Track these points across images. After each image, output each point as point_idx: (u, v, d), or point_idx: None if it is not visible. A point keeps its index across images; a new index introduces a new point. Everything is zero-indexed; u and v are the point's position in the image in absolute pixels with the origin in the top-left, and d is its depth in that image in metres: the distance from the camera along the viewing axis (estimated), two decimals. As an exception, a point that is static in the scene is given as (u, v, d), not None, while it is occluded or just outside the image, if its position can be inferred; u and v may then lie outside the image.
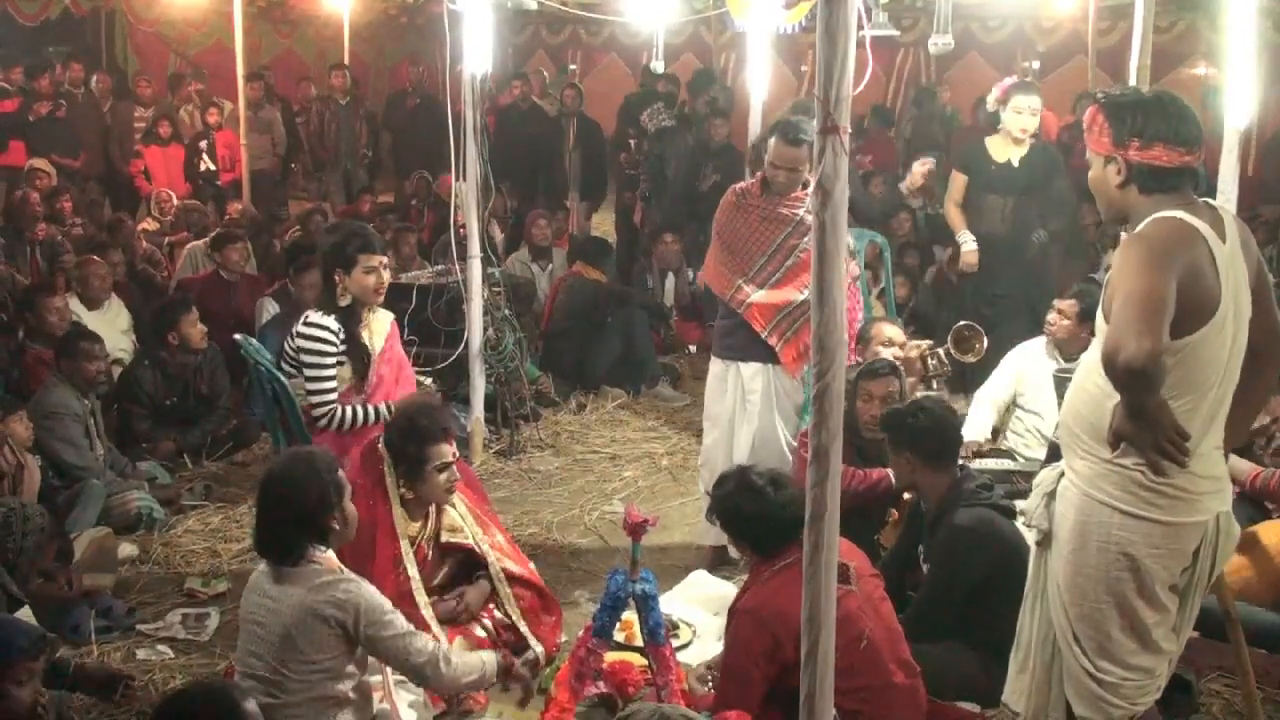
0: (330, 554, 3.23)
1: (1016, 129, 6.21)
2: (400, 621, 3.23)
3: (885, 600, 3.59)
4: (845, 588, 3.29)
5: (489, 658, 3.44)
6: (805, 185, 4.66)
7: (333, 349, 4.41)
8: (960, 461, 4.15)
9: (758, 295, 4.70)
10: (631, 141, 9.83)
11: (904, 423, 4.01)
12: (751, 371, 4.78)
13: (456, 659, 3.33)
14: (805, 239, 4.61)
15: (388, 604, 3.22)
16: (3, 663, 3.07)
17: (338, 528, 3.23)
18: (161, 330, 6.10)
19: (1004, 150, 6.34)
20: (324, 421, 4.43)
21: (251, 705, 2.60)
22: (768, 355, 4.74)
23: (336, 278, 4.44)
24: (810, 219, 4.56)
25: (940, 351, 5.33)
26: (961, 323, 5.51)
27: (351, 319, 4.47)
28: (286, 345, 4.53)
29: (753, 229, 4.71)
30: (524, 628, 4.10)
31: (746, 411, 4.80)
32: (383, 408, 4.47)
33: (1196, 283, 2.63)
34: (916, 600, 3.94)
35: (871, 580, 3.58)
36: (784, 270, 4.69)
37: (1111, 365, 2.52)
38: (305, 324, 4.45)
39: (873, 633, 3.38)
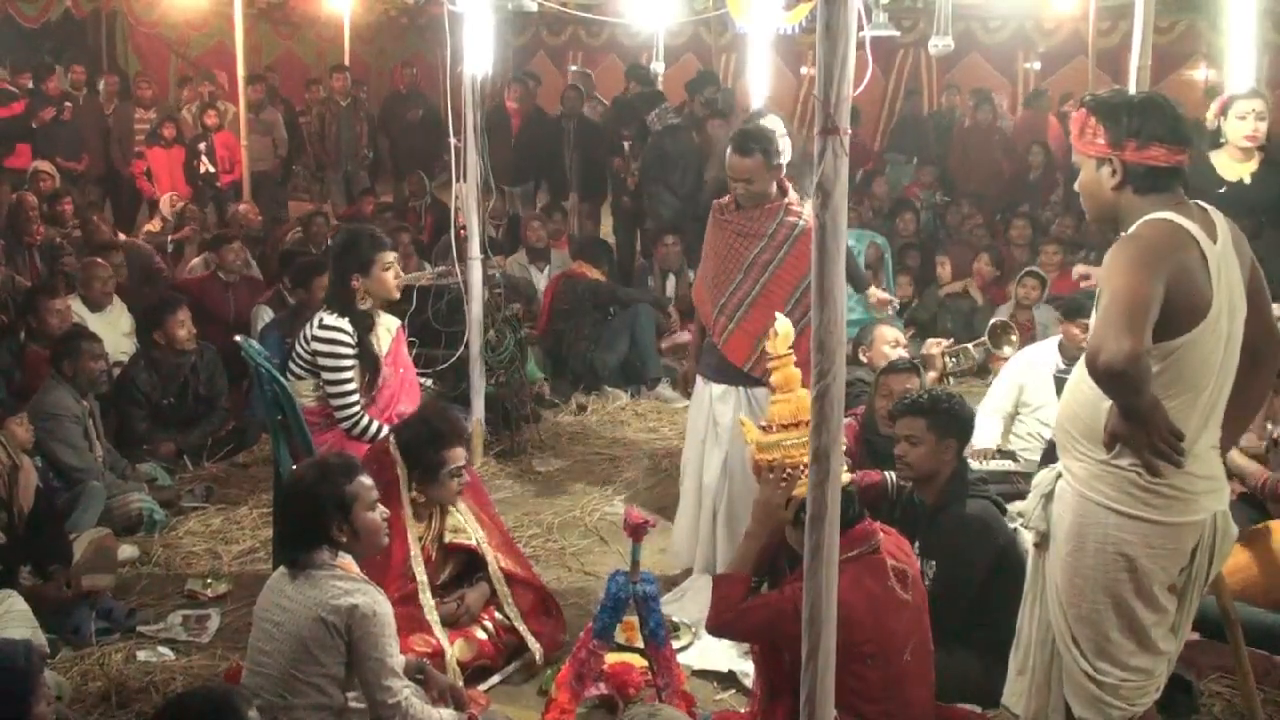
0: (349, 559, 3.21)
1: (1242, 137, 5.29)
2: (393, 653, 3.14)
3: (928, 616, 3.46)
4: (902, 596, 3.26)
5: (448, 717, 3.30)
6: (784, 194, 4.56)
7: (349, 351, 4.39)
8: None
9: (728, 332, 4.55)
10: (626, 144, 9.81)
11: (949, 409, 3.86)
12: (720, 392, 4.63)
13: (417, 714, 3.15)
14: (780, 254, 4.51)
15: (391, 627, 3.16)
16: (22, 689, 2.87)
17: (344, 539, 3.19)
18: (149, 329, 6.13)
19: (1233, 167, 5.40)
20: (347, 425, 4.43)
21: (254, 714, 2.60)
22: (741, 378, 4.59)
23: (355, 283, 4.41)
24: (780, 232, 4.53)
25: (969, 347, 5.30)
26: (995, 319, 5.43)
27: (365, 323, 4.45)
28: (299, 347, 4.49)
29: (729, 244, 4.60)
30: (524, 629, 4.10)
31: (717, 436, 4.64)
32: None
33: (1188, 284, 2.63)
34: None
35: (920, 592, 3.42)
36: (760, 287, 4.53)
37: (1093, 366, 2.54)
38: (321, 326, 4.40)
39: (916, 645, 3.31)
